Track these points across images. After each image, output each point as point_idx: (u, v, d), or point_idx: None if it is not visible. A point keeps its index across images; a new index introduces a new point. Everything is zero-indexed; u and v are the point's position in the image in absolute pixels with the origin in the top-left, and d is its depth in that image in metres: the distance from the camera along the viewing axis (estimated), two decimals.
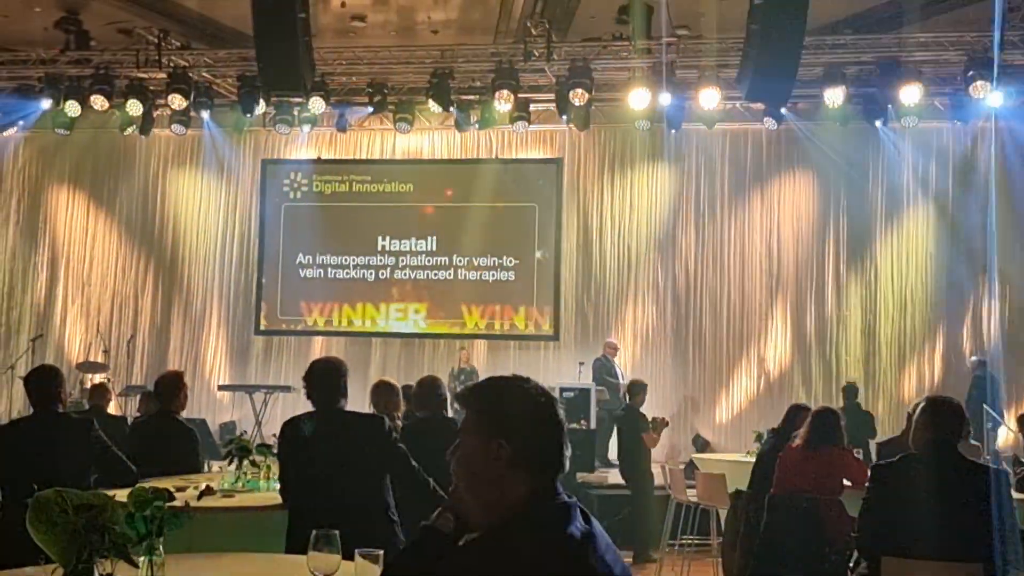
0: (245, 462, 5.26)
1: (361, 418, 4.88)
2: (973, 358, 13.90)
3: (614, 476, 12.25)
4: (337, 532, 2.82)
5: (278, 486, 4.81)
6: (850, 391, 12.44)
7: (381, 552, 2.63)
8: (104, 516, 2.58)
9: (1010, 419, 13.62)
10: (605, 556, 2.18)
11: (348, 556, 3.00)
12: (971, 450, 7.76)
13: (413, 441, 5.15)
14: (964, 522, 4.18)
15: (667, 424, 10.48)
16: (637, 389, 10.63)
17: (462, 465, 2.29)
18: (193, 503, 4.41)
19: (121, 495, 2.93)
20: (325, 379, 4.76)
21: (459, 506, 2.31)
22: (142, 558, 2.81)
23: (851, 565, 5.51)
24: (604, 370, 13.94)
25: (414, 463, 4.77)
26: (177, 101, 13.89)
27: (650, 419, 10.32)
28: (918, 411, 4.60)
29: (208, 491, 4.87)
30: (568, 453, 2.31)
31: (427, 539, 2.30)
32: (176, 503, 3.70)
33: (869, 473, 4.90)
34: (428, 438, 5.32)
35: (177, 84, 13.83)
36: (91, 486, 5.19)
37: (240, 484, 5.20)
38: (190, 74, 14.06)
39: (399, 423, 6.15)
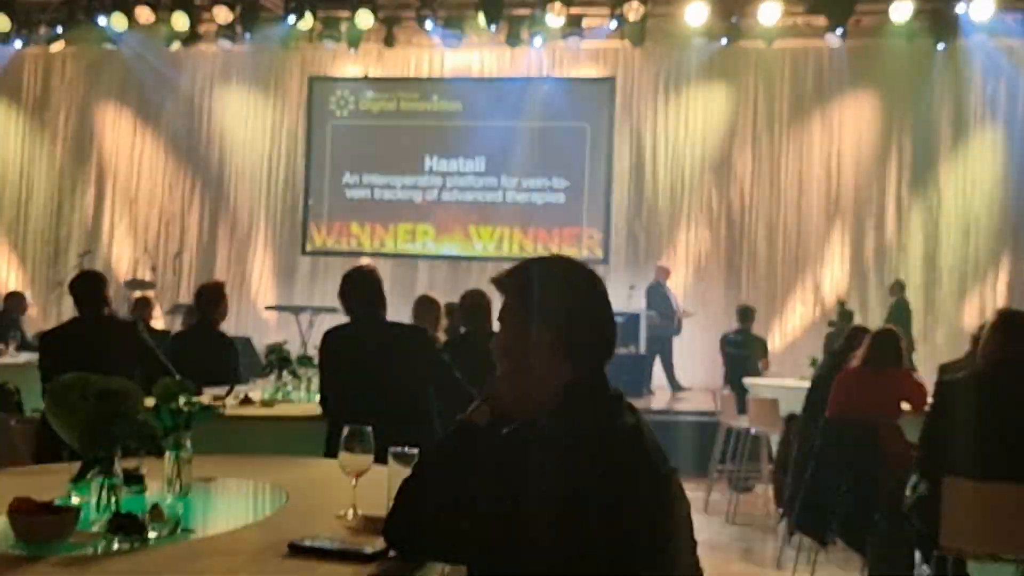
0: (285, 372, 5.10)
1: (402, 328, 4.69)
2: (839, 299, 13.54)
3: (663, 402, 12.10)
4: (370, 428, 2.62)
5: (318, 397, 4.65)
6: (899, 287, 12.28)
7: (416, 452, 2.43)
8: (128, 404, 2.40)
9: None
10: (652, 453, 1.95)
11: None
12: None
13: (457, 356, 4.96)
14: None
15: None
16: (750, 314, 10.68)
17: (500, 353, 2.13)
18: (231, 411, 4.26)
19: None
20: (361, 287, 4.57)
21: (498, 398, 2.10)
22: (168, 452, 2.66)
23: (911, 485, 5.23)
24: (659, 295, 13.62)
25: (457, 375, 4.59)
26: (222, 14, 13.65)
27: None
28: (988, 328, 4.28)
29: (247, 400, 4.72)
30: (615, 338, 2.13)
31: (462, 432, 2.10)
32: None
33: (933, 390, 4.61)
34: (473, 353, 5.10)
35: None
36: None
37: (280, 395, 5.06)
38: None
39: (440, 337, 5.94)
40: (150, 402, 2.67)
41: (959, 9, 12.48)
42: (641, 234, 15.15)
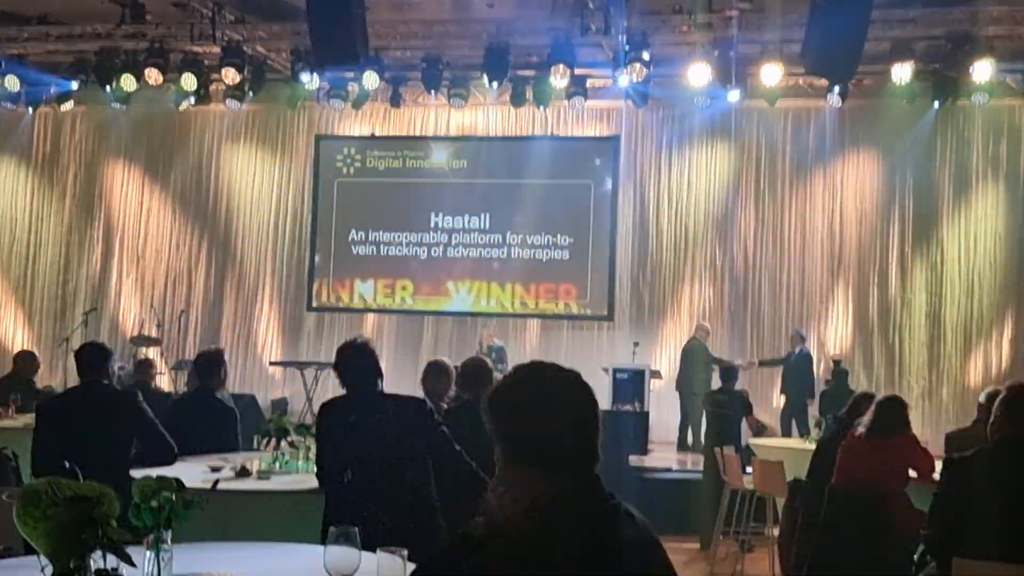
0: (283, 443, 5.09)
1: (401, 400, 4.69)
2: (834, 358, 13.60)
3: (663, 459, 12.07)
4: (356, 529, 2.62)
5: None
6: (839, 373, 12.56)
7: (405, 551, 2.44)
8: (100, 509, 2.38)
9: None
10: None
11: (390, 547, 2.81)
12: None
13: (457, 424, 4.96)
14: None
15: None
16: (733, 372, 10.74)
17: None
18: (227, 484, 4.26)
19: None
20: (357, 361, 4.59)
21: (490, 511, 2.10)
22: (148, 552, 2.63)
23: (915, 561, 5.20)
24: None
25: (457, 447, 4.58)
26: (231, 75, 13.79)
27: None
28: (998, 402, 4.26)
29: (244, 472, 4.72)
30: (591, 441, 2.12)
31: (458, 544, 2.10)
32: (201, 486, 3.53)
33: (939, 465, 4.60)
34: (472, 421, 5.12)
35: (231, 58, 13.71)
36: (131, 461, 5.11)
37: (278, 465, 5.04)
38: (244, 48, 13.95)
39: (445, 406, 5.94)
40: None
41: (959, 71, 12.57)
42: (645, 291, 15.20)
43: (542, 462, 2.03)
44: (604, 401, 12.55)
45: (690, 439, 13.33)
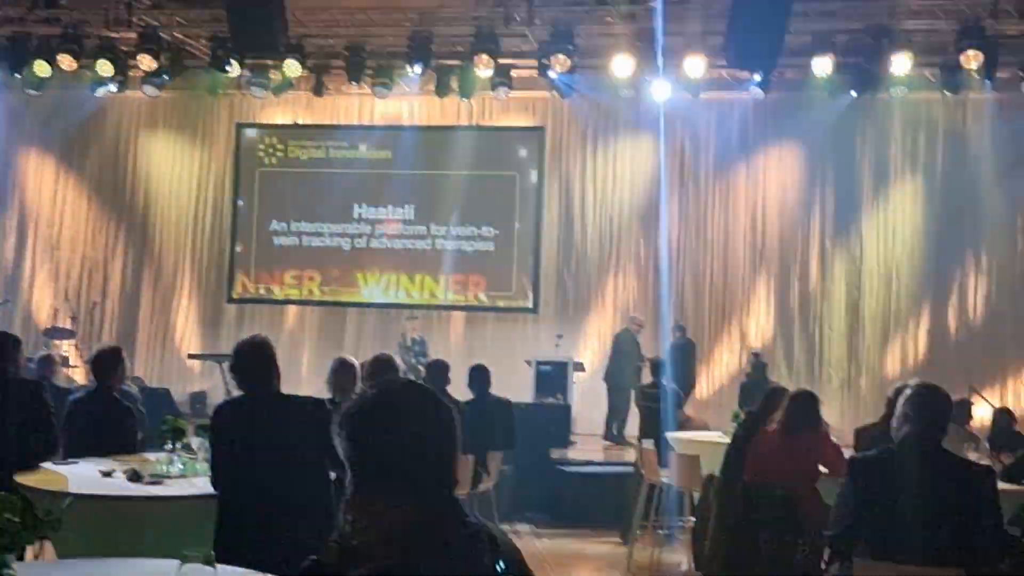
0: (178, 445, 4.92)
1: (300, 402, 4.54)
2: (753, 351, 13.66)
3: (586, 452, 12.05)
4: (213, 553, 2.49)
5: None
6: (758, 366, 12.44)
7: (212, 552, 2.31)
8: None
9: (993, 396, 13.42)
10: None
11: (286, 556, 2.68)
12: (966, 437, 7.51)
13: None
14: (946, 524, 3.87)
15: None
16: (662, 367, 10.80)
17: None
18: (114, 490, 4.09)
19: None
20: (254, 360, 4.43)
21: (346, 536, 1.99)
22: None
23: (825, 560, 5.20)
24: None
25: None
26: (147, 62, 13.44)
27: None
28: (902, 400, 4.24)
29: (135, 476, 4.55)
30: (447, 464, 1.97)
31: (310, 571, 1.98)
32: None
33: (847, 463, 4.58)
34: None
35: (147, 44, 13.36)
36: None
37: (173, 468, 4.87)
38: (161, 34, 13.61)
39: None
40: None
41: (878, 64, 12.68)
42: (570, 283, 15.17)
43: (395, 487, 1.92)
44: (527, 394, 12.54)
45: (615, 432, 13.33)
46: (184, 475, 4.84)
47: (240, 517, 4.10)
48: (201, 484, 4.56)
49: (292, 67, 13.67)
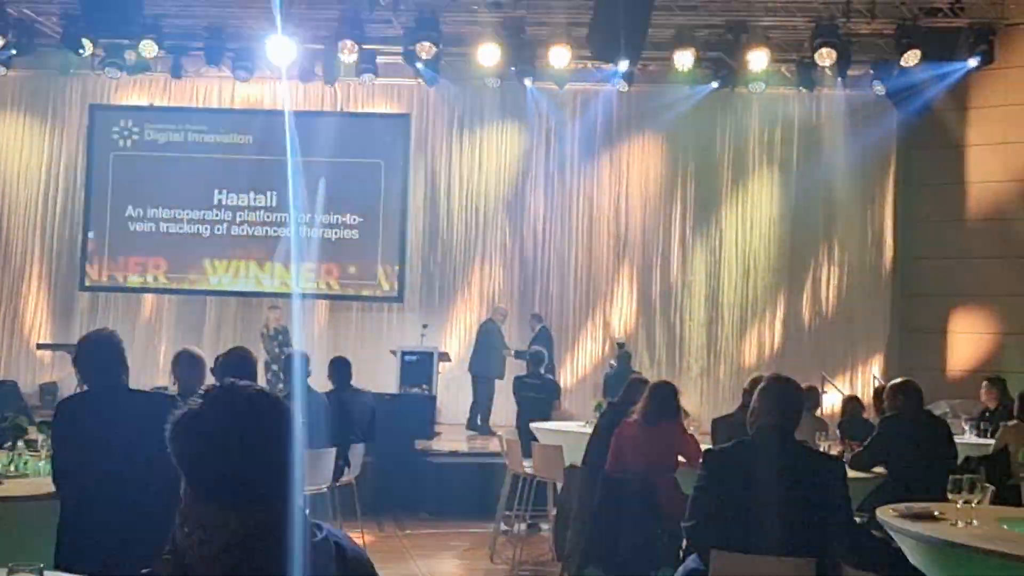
0: (20, 443, 4.67)
1: (148, 397, 4.37)
2: (618, 341, 13.89)
3: (451, 443, 12.02)
4: (42, 565, 2.35)
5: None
6: (622, 356, 12.65)
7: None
8: None
9: (843, 384, 13.90)
10: None
11: (131, 563, 2.53)
12: (816, 424, 7.73)
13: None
14: (798, 515, 3.95)
15: None
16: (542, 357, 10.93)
17: None
18: None
19: None
20: (97, 353, 4.23)
21: (178, 552, 1.89)
22: None
23: (683, 549, 5.28)
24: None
25: None
26: None
27: None
28: (756, 392, 4.32)
29: None
30: (285, 472, 1.88)
31: None
32: None
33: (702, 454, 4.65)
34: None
35: None
36: None
37: (13, 467, 4.63)
38: (9, 10, 13.02)
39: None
40: None
41: (738, 59, 12.97)
42: (436, 272, 15.10)
43: (229, 496, 1.83)
44: (392, 384, 12.43)
45: (479, 422, 13.33)
46: (25, 475, 4.60)
47: (83, 520, 3.91)
48: (43, 484, 4.33)
49: (148, 47, 13.26)
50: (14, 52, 13.56)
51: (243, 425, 1.85)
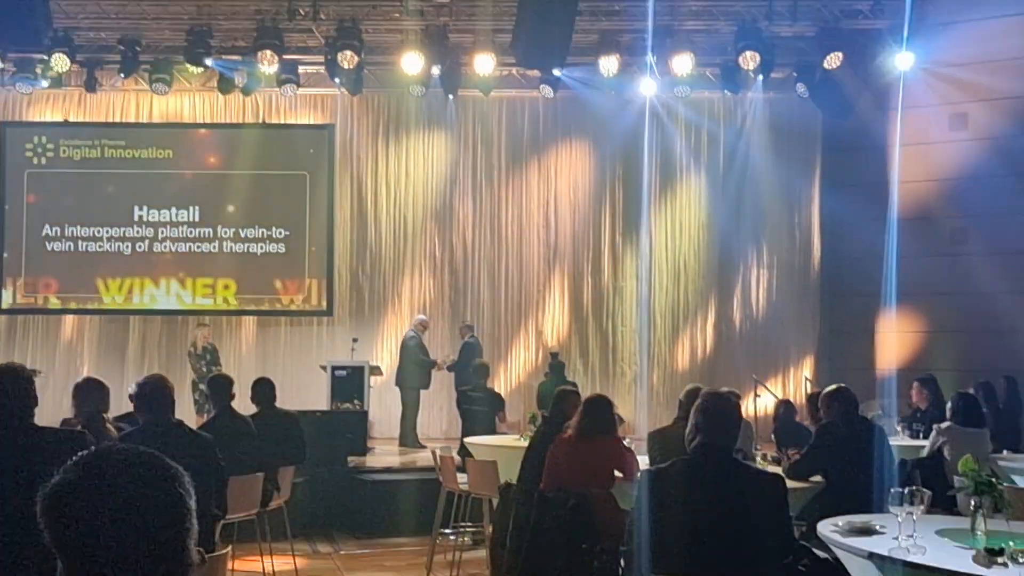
0: None
1: (54, 434, 4.12)
2: (551, 350, 13.77)
3: (385, 459, 11.82)
4: None
5: None
6: (556, 367, 12.57)
7: None
8: None
9: (776, 387, 13.95)
10: None
11: None
12: (743, 429, 7.65)
13: None
14: (739, 534, 3.85)
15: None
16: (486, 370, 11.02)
17: None
18: None
19: None
20: (4, 386, 3.98)
21: None
22: None
23: (621, 568, 5.16)
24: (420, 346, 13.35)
25: None
26: None
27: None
28: (693, 410, 4.20)
29: None
30: (180, 542, 1.71)
31: None
32: None
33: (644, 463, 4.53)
34: (156, 447, 4.65)
35: None
36: None
37: None
38: None
39: (111, 428, 5.36)
40: None
41: (663, 63, 12.95)
42: (365, 284, 14.88)
43: None
44: (323, 400, 12.20)
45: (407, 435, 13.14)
46: None
47: None
48: None
49: (60, 61, 12.88)
50: None
51: (121, 497, 1.65)
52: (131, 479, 1.67)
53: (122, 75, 13.32)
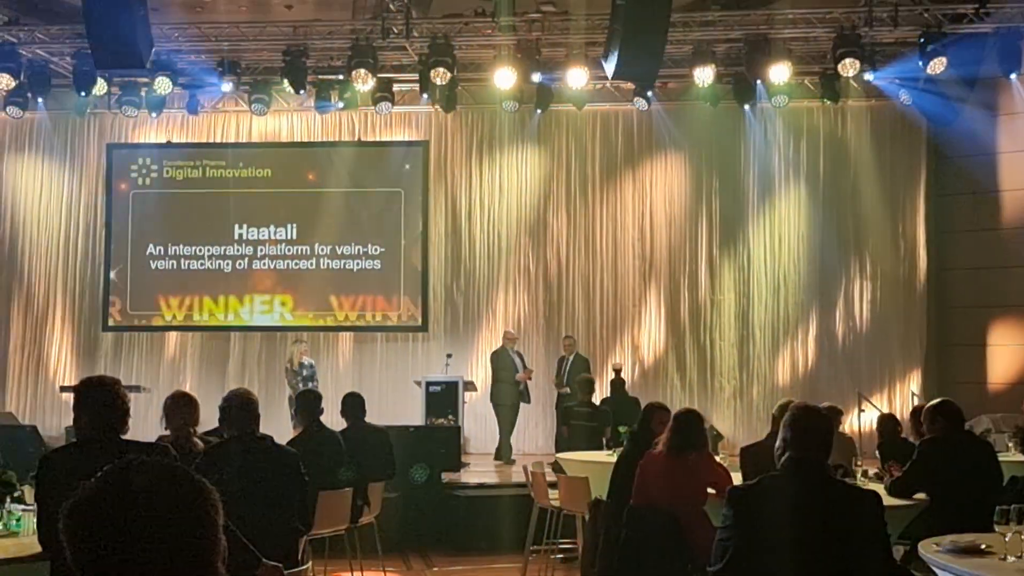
0: (9, 500, 4.46)
1: (140, 447, 4.15)
2: (614, 366, 13.16)
3: (480, 474, 11.75)
4: None
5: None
6: (616, 384, 12.25)
7: None
8: None
9: (880, 402, 13.53)
10: None
11: None
12: (843, 444, 7.41)
13: (217, 464, 4.47)
14: (832, 555, 3.67)
15: None
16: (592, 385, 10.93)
17: None
18: None
19: None
20: (91, 402, 4.02)
21: None
22: None
23: None
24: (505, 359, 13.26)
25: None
26: (6, 80, 12.82)
27: None
28: (783, 423, 4.02)
29: None
30: (207, 560, 1.64)
31: None
32: None
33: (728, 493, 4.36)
34: (232, 463, 4.67)
35: (5, 63, 12.75)
36: None
37: (1, 526, 4.40)
38: (21, 51, 12.99)
39: (197, 441, 5.39)
40: None
41: (759, 73, 12.70)
42: (460, 299, 14.88)
43: None
44: (417, 416, 12.21)
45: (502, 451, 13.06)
46: (15, 533, 4.38)
47: None
48: (33, 544, 4.11)
49: (163, 84, 13.21)
50: (29, 95, 13.56)
51: (143, 511, 1.60)
52: (155, 493, 1.61)
53: (228, 96, 13.54)
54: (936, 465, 5.91)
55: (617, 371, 12.80)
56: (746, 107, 13.78)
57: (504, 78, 12.73)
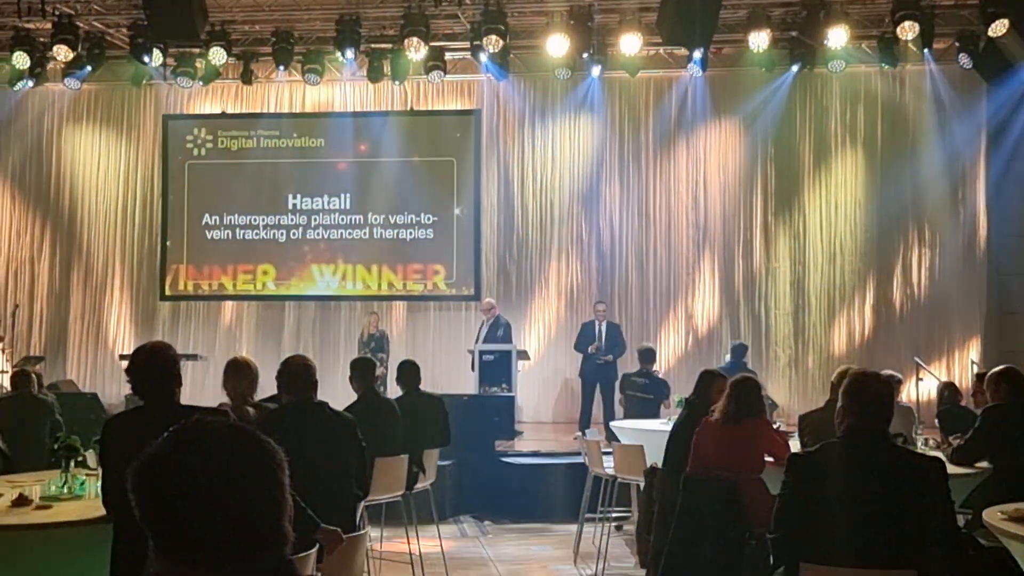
0: (73, 464, 4.53)
1: (199, 412, 4.18)
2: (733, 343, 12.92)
3: (535, 443, 11.78)
4: None
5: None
6: (738, 351, 12.06)
7: None
8: None
9: (939, 370, 13.35)
10: None
11: None
12: (903, 413, 7.31)
13: (276, 430, 4.49)
14: (894, 523, 3.62)
15: None
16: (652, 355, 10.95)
17: None
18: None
19: None
20: (149, 366, 4.07)
21: None
22: None
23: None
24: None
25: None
26: (63, 52, 12.94)
27: None
28: (841, 391, 3.96)
29: (21, 501, 4.16)
30: (275, 519, 1.63)
31: None
32: None
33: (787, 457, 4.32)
34: (290, 428, 4.70)
35: (63, 35, 12.86)
36: None
37: (66, 490, 4.48)
38: (78, 23, 13.11)
39: (249, 410, 5.42)
40: None
41: (815, 37, 12.49)
42: (512, 268, 14.86)
43: (201, 554, 1.58)
44: (471, 385, 12.24)
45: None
46: (79, 496, 4.45)
47: (135, 543, 3.74)
48: (97, 507, 4.18)
49: (217, 55, 13.27)
50: (87, 68, 13.70)
51: (213, 471, 1.60)
52: (223, 453, 1.62)
53: (281, 66, 13.58)
54: (1000, 432, 5.82)
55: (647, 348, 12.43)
56: (802, 72, 13.55)
57: (556, 45, 12.62)
